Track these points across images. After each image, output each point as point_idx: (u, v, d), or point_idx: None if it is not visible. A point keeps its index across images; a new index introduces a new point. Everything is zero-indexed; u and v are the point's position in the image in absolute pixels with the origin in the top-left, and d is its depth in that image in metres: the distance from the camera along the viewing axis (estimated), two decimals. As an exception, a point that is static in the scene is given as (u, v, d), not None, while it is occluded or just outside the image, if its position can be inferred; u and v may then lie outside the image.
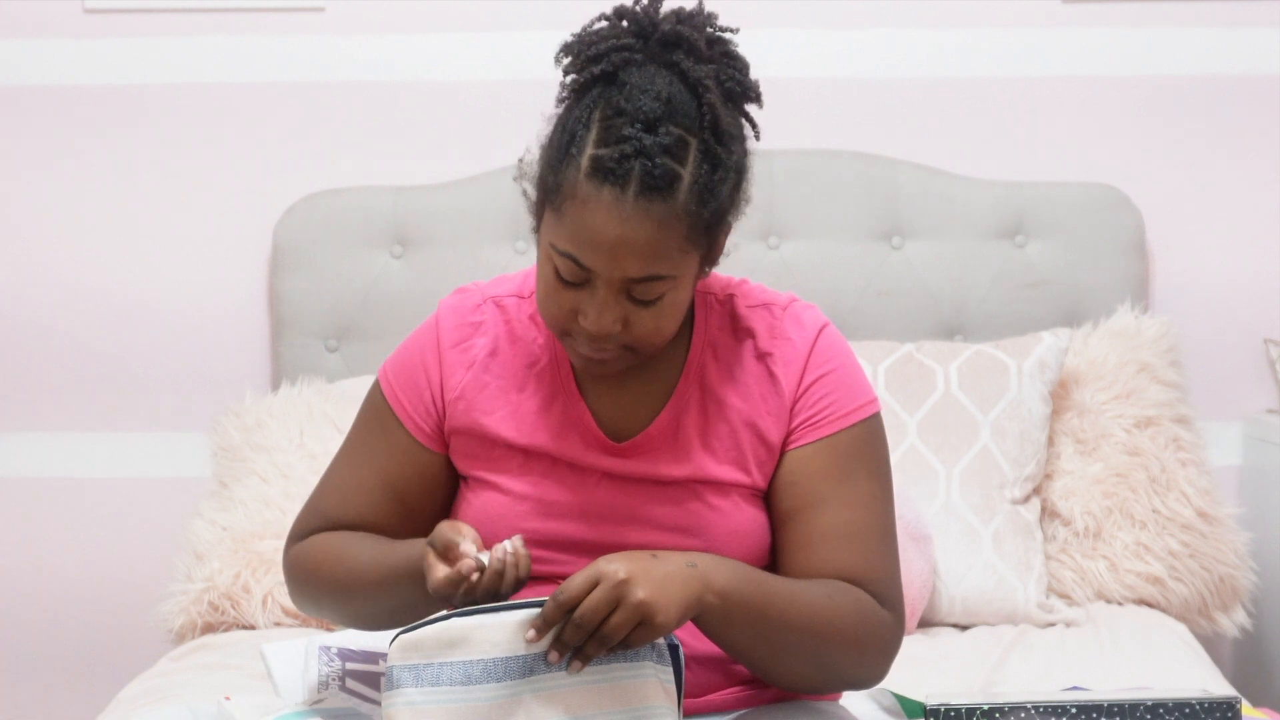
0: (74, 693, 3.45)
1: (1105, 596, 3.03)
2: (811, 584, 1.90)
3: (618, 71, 1.85)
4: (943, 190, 3.31)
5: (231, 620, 2.95)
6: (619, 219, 1.81)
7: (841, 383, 1.97)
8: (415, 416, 2.01)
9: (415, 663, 1.78)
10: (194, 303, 3.41)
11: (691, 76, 1.85)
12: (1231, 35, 3.36)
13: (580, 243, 1.83)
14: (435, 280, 3.28)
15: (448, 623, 1.78)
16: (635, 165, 1.80)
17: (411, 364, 2.03)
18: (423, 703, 1.77)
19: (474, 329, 2.01)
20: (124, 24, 3.40)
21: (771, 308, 2.00)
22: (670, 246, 1.83)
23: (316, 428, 3.10)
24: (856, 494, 1.94)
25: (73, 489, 3.46)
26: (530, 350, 2.00)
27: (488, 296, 2.03)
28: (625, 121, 1.82)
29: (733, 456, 1.96)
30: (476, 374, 2.00)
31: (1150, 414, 3.11)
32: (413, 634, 1.79)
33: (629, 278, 1.84)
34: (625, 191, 1.81)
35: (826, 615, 1.87)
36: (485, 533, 1.97)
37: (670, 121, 1.82)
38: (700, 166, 1.84)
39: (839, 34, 3.39)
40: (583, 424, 1.97)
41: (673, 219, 1.82)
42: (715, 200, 1.85)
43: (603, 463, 1.96)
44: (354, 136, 3.41)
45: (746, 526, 1.96)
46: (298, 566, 2.04)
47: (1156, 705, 1.87)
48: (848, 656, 1.90)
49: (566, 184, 1.84)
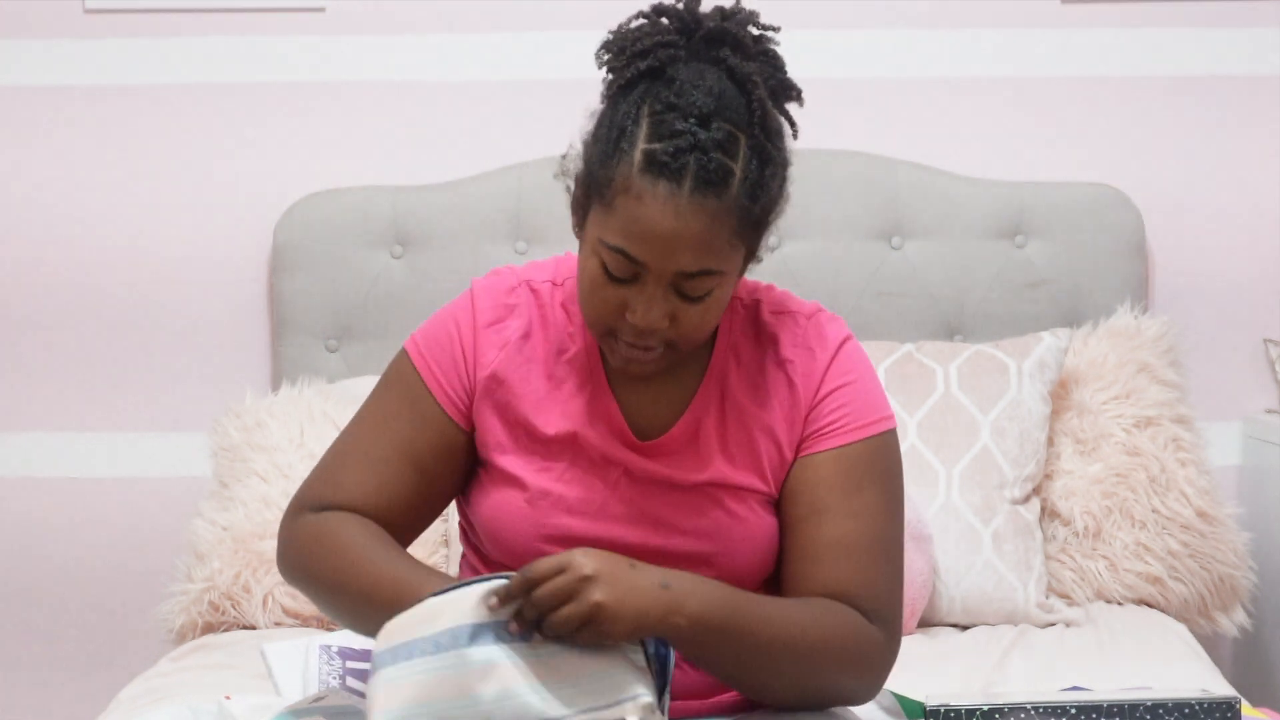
0: (74, 693, 3.45)
1: (1105, 596, 3.03)
2: (798, 605, 1.89)
3: (664, 68, 1.85)
4: (943, 190, 3.31)
5: (232, 620, 2.95)
6: (674, 213, 1.81)
7: (858, 395, 1.97)
8: (448, 388, 1.98)
9: (395, 644, 1.78)
10: (194, 303, 3.41)
11: (739, 73, 1.85)
12: (1231, 35, 3.36)
13: (633, 236, 1.82)
14: (435, 280, 3.28)
15: (424, 602, 1.79)
16: (690, 160, 1.80)
17: (446, 336, 2.00)
18: (397, 678, 1.77)
19: (509, 310, 2.00)
20: (124, 24, 3.40)
21: (796, 316, 2.00)
22: (721, 241, 1.83)
23: (316, 428, 3.10)
24: (862, 507, 1.93)
25: (73, 489, 3.46)
26: (561, 338, 1.99)
27: (522, 280, 2.02)
28: (677, 116, 1.82)
29: (750, 463, 1.96)
30: (509, 355, 1.98)
31: (1150, 414, 3.11)
32: (394, 620, 1.80)
33: (682, 272, 1.83)
34: (681, 186, 1.81)
35: (811, 639, 1.85)
36: (501, 524, 1.96)
37: (721, 117, 1.82)
38: (750, 162, 1.84)
39: (839, 34, 3.39)
40: (610, 416, 1.96)
41: (725, 214, 1.82)
42: (765, 195, 1.86)
43: (625, 458, 1.95)
44: (354, 136, 3.41)
45: (761, 533, 1.96)
46: (306, 539, 1.96)
47: (1156, 705, 1.87)
48: (834, 678, 1.89)
49: (619, 178, 1.83)
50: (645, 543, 1.94)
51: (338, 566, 1.93)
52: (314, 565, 1.96)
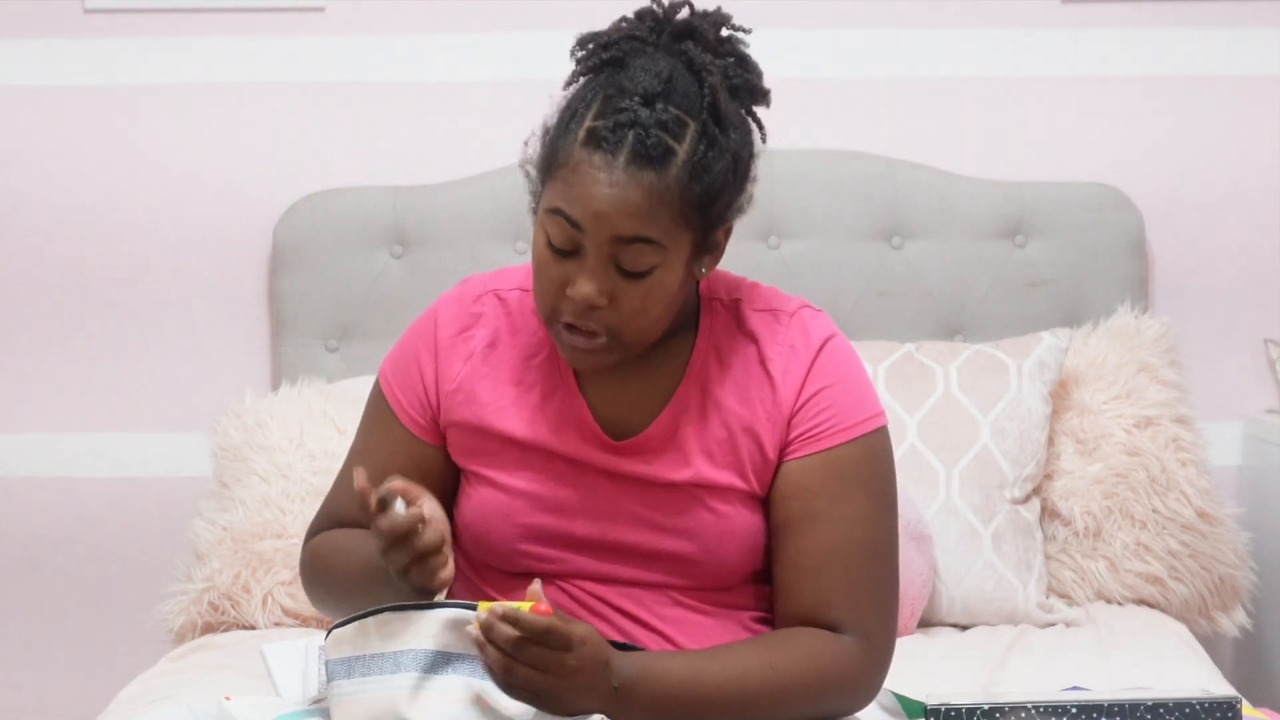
0: (74, 693, 3.45)
1: (1105, 596, 3.03)
2: (760, 649, 1.89)
3: (626, 58, 1.88)
4: (943, 190, 3.31)
5: (231, 620, 2.95)
6: (608, 181, 1.83)
7: (844, 396, 1.96)
8: (410, 410, 2.02)
9: (347, 655, 1.81)
10: (194, 302, 3.41)
11: (696, 62, 1.87)
12: (1231, 35, 3.36)
13: (570, 199, 1.84)
14: (435, 280, 3.28)
15: (379, 616, 1.81)
16: (629, 135, 1.83)
17: (406, 358, 2.04)
18: (354, 693, 1.79)
19: (474, 319, 2.01)
20: (124, 24, 3.40)
21: (779, 314, 1.99)
22: (660, 214, 1.84)
23: (316, 428, 3.10)
24: (852, 513, 1.93)
25: (73, 489, 3.45)
26: (530, 343, 2.00)
27: (489, 289, 2.03)
28: (623, 96, 1.85)
29: (730, 462, 1.96)
30: (475, 365, 1.99)
31: (1150, 414, 3.11)
32: (344, 629, 1.82)
33: (618, 236, 1.84)
34: (616, 158, 1.83)
35: (782, 679, 1.87)
36: (482, 527, 1.97)
37: (669, 100, 1.84)
38: (697, 145, 1.85)
39: (839, 34, 3.39)
40: (581, 420, 1.96)
41: (664, 189, 1.83)
42: (709, 177, 1.85)
43: (600, 460, 1.96)
44: (354, 136, 3.41)
45: (742, 530, 1.95)
46: (306, 566, 2.07)
47: (1156, 705, 1.87)
48: (816, 708, 1.89)
49: (562, 153, 1.86)
50: (627, 540, 1.94)
51: (330, 568, 2.01)
52: (318, 579, 2.05)
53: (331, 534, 2.05)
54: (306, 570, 2.07)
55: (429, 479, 2.00)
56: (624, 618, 1.95)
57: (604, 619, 1.95)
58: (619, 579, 1.95)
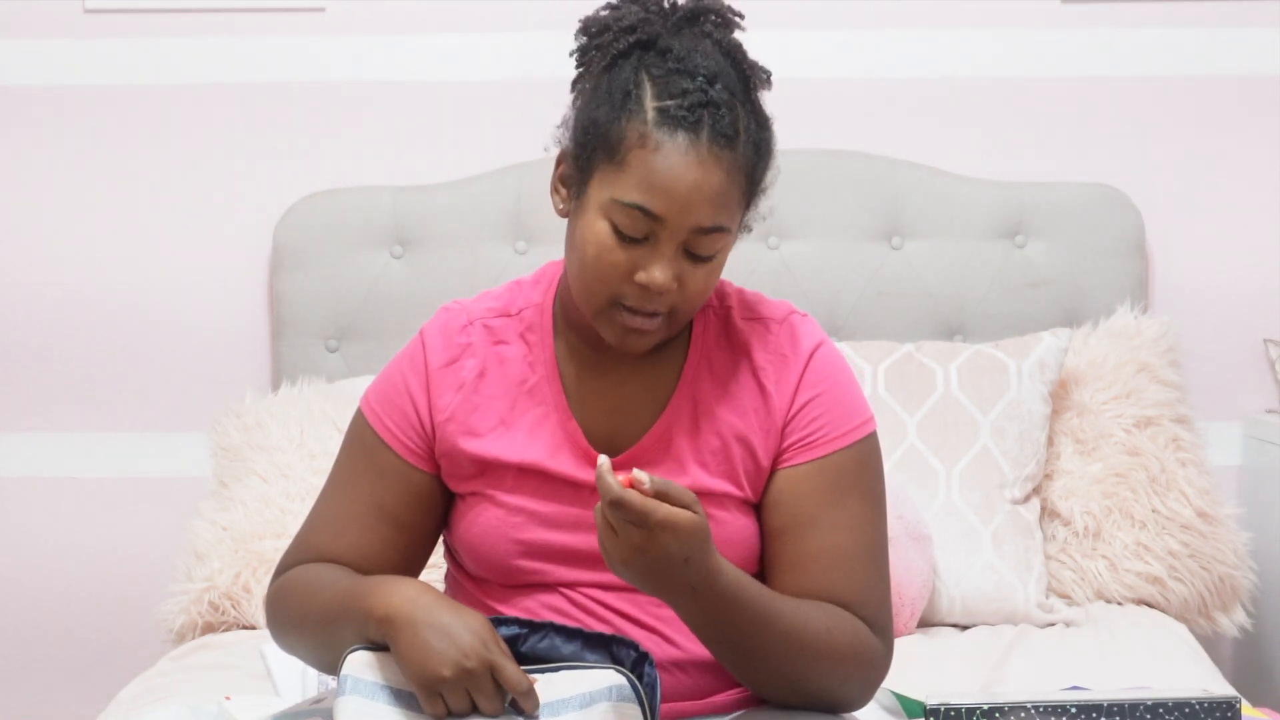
0: (74, 693, 3.45)
1: (1105, 596, 3.03)
2: (815, 608, 1.89)
3: (653, 41, 1.88)
4: (943, 190, 3.31)
5: (232, 620, 2.95)
6: (696, 163, 1.83)
7: (835, 403, 1.97)
8: (403, 438, 2.00)
9: (370, 680, 1.81)
10: (194, 303, 3.41)
11: (726, 44, 1.89)
12: (1231, 35, 3.36)
13: (653, 190, 1.83)
14: (435, 280, 3.28)
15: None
16: (705, 114, 1.83)
17: (395, 389, 2.01)
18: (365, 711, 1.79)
19: (462, 350, 2.00)
20: (124, 24, 3.40)
21: (768, 323, 1.99)
22: (733, 198, 1.86)
23: (316, 428, 3.10)
24: (847, 517, 1.94)
25: (73, 489, 3.46)
26: (521, 369, 1.99)
27: (474, 318, 2.02)
28: (683, 76, 1.84)
29: (724, 470, 1.96)
30: (466, 395, 1.99)
31: (1150, 414, 3.11)
32: (364, 652, 1.82)
33: (698, 227, 1.84)
34: (699, 137, 1.83)
35: (823, 642, 1.86)
36: (481, 543, 1.97)
37: (721, 81, 1.85)
38: (749, 123, 1.87)
39: (839, 34, 3.39)
40: (573, 440, 1.96)
41: (736, 170, 1.85)
42: (767, 156, 1.89)
43: (594, 478, 1.95)
44: (354, 136, 3.41)
45: (738, 535, 1.96)
46: (272, 602, 2.01)
47: (1156, 705, 1.87)
48: (838, 683, 1.89)
49: (632, 135, 1.84)
50: None
51: (298, 604, 1.96)
52: (280, 615, 1.99)
53: (303, 569, 1.99)
54: (275, 604, 2.00)
55: (422, 504, 2.00)
56: (623, 619, 1.95)
57: (604, 621, 1.95)
58: (617, 585, 1.95)
